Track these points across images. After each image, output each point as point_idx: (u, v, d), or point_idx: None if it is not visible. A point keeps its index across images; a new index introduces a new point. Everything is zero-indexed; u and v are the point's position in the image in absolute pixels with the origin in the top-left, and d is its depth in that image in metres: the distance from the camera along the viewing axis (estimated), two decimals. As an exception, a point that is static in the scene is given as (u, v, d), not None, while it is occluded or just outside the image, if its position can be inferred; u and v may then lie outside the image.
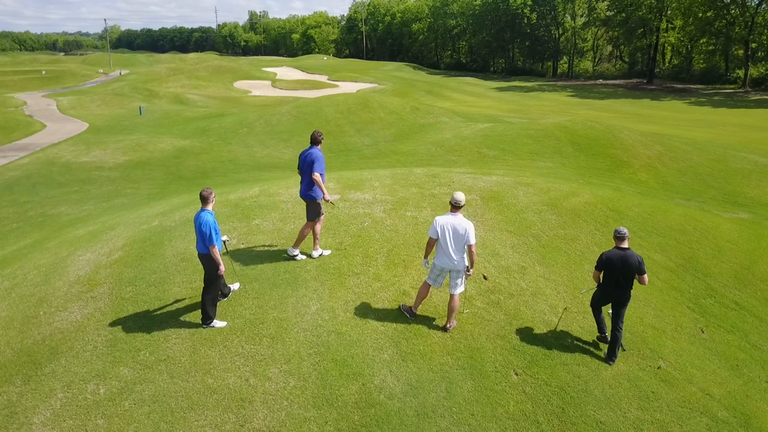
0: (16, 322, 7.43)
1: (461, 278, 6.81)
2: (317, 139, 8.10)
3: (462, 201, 6.73)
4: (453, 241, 6.64)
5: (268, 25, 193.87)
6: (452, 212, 6.73)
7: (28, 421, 5.77)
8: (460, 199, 6.72)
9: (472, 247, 6.66)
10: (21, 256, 10.62)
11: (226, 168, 22.47)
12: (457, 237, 6.63)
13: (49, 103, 46.15)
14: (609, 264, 6.57)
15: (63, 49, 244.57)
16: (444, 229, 6.65)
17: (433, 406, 5.86)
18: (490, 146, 21.77)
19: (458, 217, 6.69)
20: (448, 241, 6.64)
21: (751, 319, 8.23)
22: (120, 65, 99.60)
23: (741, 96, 60.43)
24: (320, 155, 7.97)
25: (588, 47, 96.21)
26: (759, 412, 6.32)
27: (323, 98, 35.72)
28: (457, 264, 6.70)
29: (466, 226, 6.64)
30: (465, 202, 6.86)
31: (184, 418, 5.70)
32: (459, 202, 6.70)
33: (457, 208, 6.72)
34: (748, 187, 17.72)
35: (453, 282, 6.81)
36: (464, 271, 6.77)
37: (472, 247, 6.65)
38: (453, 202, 6.72)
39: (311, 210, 8.14)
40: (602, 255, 6.65)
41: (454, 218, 6.68)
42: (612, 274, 6.57)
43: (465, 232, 6.61)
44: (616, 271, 6.53)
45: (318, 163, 7.87)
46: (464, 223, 6.66)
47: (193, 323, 6.99)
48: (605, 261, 6.59)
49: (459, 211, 6.74)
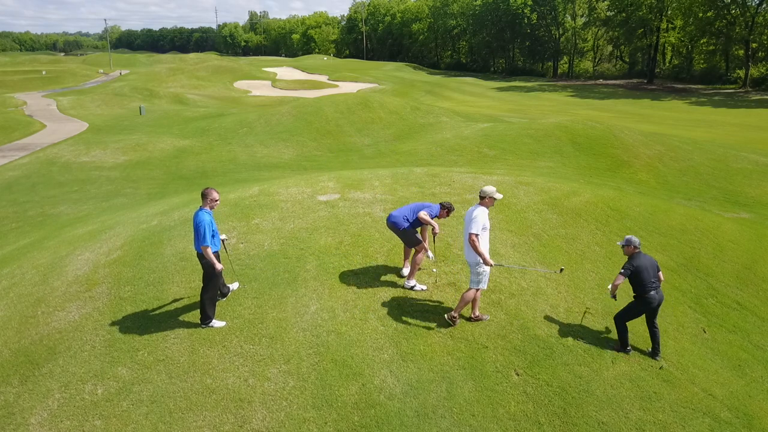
0: (14, 321, 7.39)
1: (473, 272, 6.72)
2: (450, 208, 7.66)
3: (482, 192, 6.70)
4: (464, 232, 6.73)
5: (268, 26, 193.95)
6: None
7: (25, 421, 5.72)
8: (482, 190, 6.72)
9: (471, 236, 6.55)
10: (20, 255, 10.58)
11: (225, 168, 22.44)
12: (465, 228, 6.70)
13: (49, 103, 46.12)
14: (640, 271, 6.56)
15: (63, 50, 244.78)
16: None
17: (433, 407, 5.82)
18: (490, 146, 21.72)
19: (473, 208, 6.71)
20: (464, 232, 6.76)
21: (753, 319, 8.19)
22: (120, 65, 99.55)
23: (741, 96, 60.40)
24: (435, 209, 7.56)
25: (588, 47, 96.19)
26: (762, 413, 6.27)
27: (323, 98, 35.68)
28: (466, 255, 6.75)
29: (471, 213, 6.62)
30: (489, 193, 6.71)
31: (183, 418, 5.66)
32: (480, 193, 6.74)
33: (480, 198, 6.74)
34: (749, 187, 17.68)
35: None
36: (475, 265, 6.67)
37: (471, 236, 6.55)
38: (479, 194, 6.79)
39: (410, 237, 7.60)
40: (631, 264, 6.56)
41: (471, 209, 6.73)
42: (647, 279, 6.59)
43: (468, 221, 6.61)
44: (649, 275, 6.59)
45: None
46: (473, 211, 6.64)
47: (192, 323, 6.95)
48: (636, 268, 6.56)
49: (480, 202, 6.73)
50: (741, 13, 65.31)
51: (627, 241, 6.81)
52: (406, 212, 7.51)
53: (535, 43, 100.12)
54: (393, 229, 7.56)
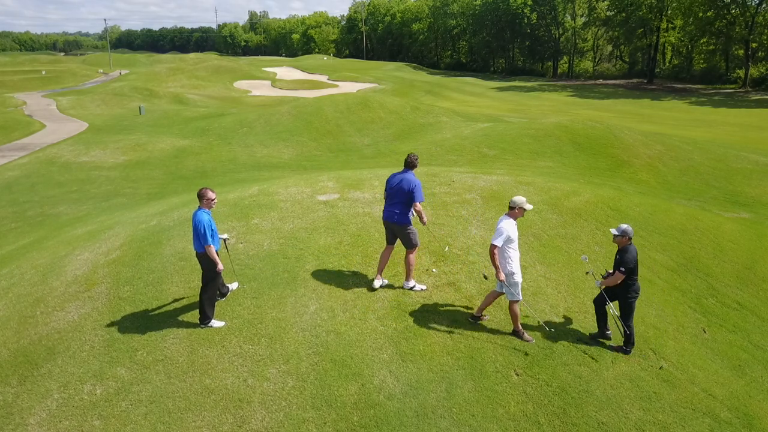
0: (13, 321, 7.37)
1: (506, 283, 6.63)
2: (414, 163, 7.43)
3: (512, 202, 6.67)
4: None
5: (268, 26, 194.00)
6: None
7: (23, 422, 5.71)
8: (512, 200, 6.70)
9: (491, 247, 6.54)
10: (19, 255, 10.57)
11: (225, 168, 22.43)
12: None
13: (49, 103, 46.11)
14: (636, 264, 6.55)
15: (63, 50, 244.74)
16: None
17: (433, 407, 5.80)
18: (490, 146, 21.71)
19: (501, 218, 6.73)
20: None
21: (753, 319, 8.18)
22: (120, 65, 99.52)
23: (741, 96, 60.39)
24: (419, 182, 7.33)
25: (588, 47, 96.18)
26: (762, 413, 6.26)
27: (323, 98, 35.66)
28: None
29: (498, 224, 6.65)
30: (520, 204, 6.64)
31: (182, 419, 5.64)
32: (510, 203, 6.73)
33: (509, 208, 6.73)
34: (749, 187, 17.67)
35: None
36: (509, 275, 6.60)
37: (491, 246, 6.55)
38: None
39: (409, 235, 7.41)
40: (630, 260, 6.48)
41: (499, 219, 6.75)
42: (636, 269, 6.59)
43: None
44: (636, 265, 6.59)
45: (419, 191, 7.21)
46: (499, 222, 6.65)
47: (191, 323, 6.93)
48: (635, 263, 6.54)
49: (509, 212, 6.71)
50: (741, 12, 65.30)
51: (623, 231, 6.58)
52: (403, 205, 7.25)
53: (535, 43, 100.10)
54: (394, 227, 7.42)
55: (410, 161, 7.40)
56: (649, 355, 6.83)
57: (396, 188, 7.31)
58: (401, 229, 7.35)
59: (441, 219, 9.64)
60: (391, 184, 7.42)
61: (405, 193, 7.21)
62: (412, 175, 7.30)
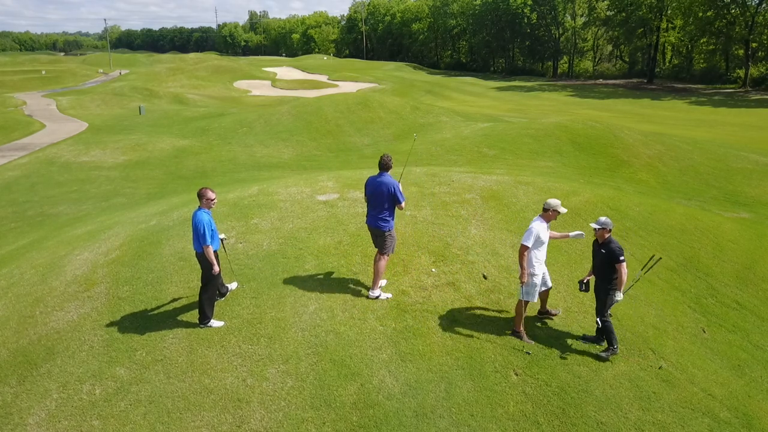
0: (12, 321, 7.37)
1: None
2: (389, 164, 7.26)
3: (546, 204, 6.69)
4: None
5: (268, 25, 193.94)
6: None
7: (23, 422, 5.71)
8: (546, 202, 6.73)
9: (521, 246, 6.58)
10: (19, 255, 10.57)
11: (225, 168, 22.42)
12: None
13: (49, 102, 46.10)
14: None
15: (63, 49, 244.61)
16: None
17: (432, 407, 5.80)
18: (490, 145, 21.70)
19: (534, 219, 6.78)
20: None
21: (752, 319, 8.18)
22: (120, 65, 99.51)
23: (741, 96, 60.36)
24: (397, 182, 7.21)
25: (588, 47, 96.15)
26: (761, 413, 6.26)
27: (323, 98, 35.65)
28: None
29: (530, 224, 6.67)
30: (554, 206, 6.64)
31: (181, 418, 5.64)
32: (544, 205, 6.75)
33: (543, 210, 6.75)
34: (749, 187, 17.65)
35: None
36: (530, 276, 6.65)
37: (521, 246, 6.59)
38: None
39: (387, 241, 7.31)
40: (618, 246, 6.46)
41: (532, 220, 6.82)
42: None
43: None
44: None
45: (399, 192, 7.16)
46: (532, 223, 6.69)
47: (191, 323, 6.93)
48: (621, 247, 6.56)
49: (543, 214, 6.74)
50: (741, 12, 65.27)
51: (603, 223, 6.50)
52: (386, 210, 7.17)
53: (535, 42, 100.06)
54: (376, 231, 7.30)
55: (385, 163, 7.26)
56: (649, 354, 6.82)
57: (376, 193, 7.23)
58: (382, 234, 7.28)
59: (441, 219, 9.63)
60: (370, 190, 7.32)
61: (386, 197, 7.15)
62: (389, 177, 7.22)
